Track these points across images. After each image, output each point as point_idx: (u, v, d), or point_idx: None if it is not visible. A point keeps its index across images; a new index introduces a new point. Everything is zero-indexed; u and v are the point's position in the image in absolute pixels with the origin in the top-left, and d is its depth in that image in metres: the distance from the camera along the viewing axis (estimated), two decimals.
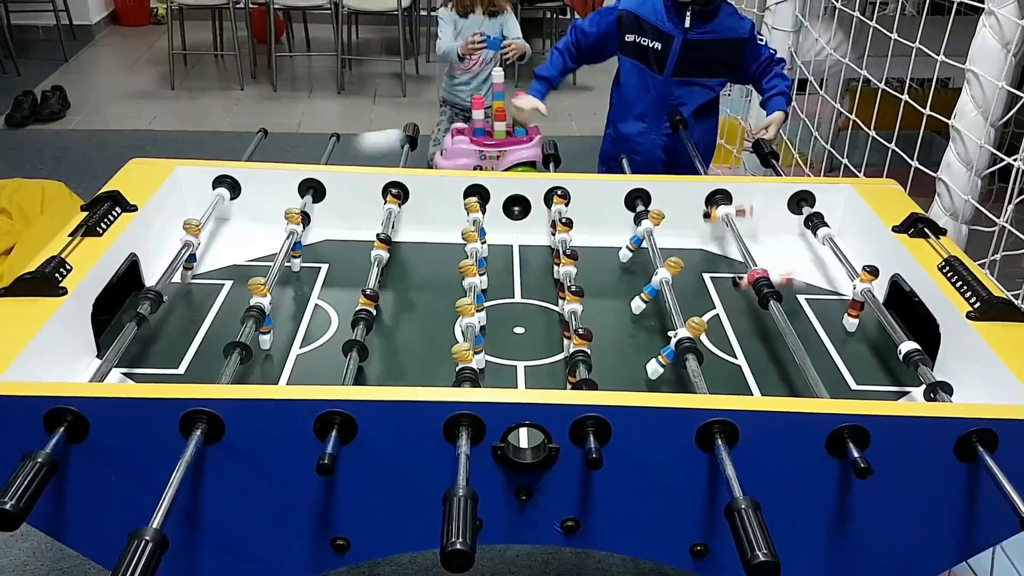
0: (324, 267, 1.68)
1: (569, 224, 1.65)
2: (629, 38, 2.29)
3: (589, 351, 1.29)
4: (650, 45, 2.26)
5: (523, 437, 1.15)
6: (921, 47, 2.01)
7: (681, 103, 2.32)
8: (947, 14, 1.95)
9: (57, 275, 1.32)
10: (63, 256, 1.37)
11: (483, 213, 1.73)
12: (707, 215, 1.76)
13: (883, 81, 2.17)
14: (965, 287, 1.38)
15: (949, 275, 1.43)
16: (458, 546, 0.91)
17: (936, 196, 1.96)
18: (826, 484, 1.12)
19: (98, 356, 1.37)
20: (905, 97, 2.06)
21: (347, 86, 5.52)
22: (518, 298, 1.62)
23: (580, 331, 1.32)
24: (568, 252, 1.55)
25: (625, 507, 1.15)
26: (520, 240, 1.80)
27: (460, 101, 3.72)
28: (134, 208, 1.57)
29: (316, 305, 1.56)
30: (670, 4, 2.23)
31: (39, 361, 1.21)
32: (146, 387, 1.14)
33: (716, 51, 2.26)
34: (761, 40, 2.34)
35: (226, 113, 5.04)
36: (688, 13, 2.20)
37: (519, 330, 1.52)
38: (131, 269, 1.51)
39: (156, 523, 0.93)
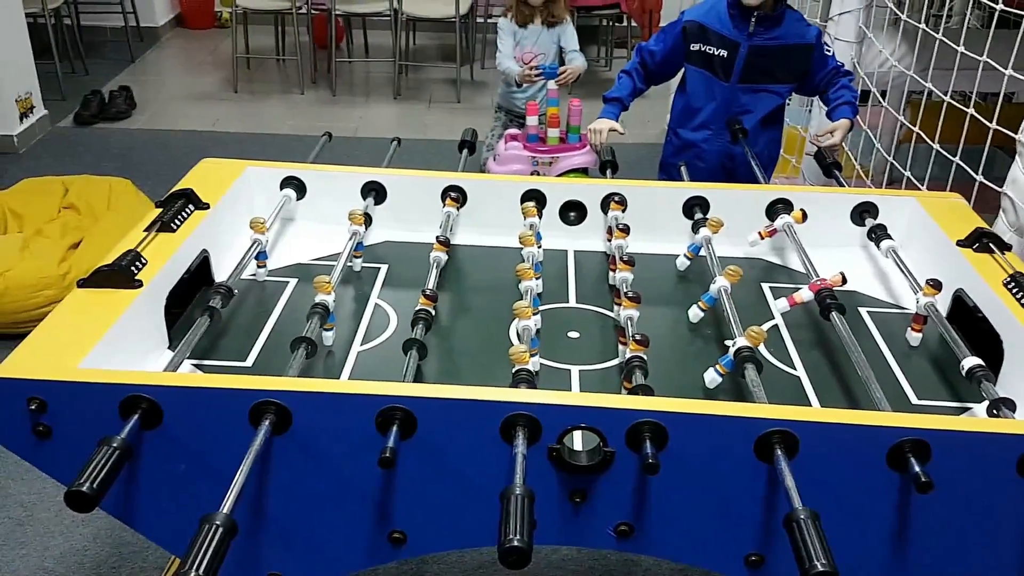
0: (384, 267, 1.71)
1: (626, 230, 1.66)
2: (695, 47, 2.29)
3: (645, 357, 1.30)
4: (716, 53, 2.26)
5: (579, 440, 1.16)
6: (988, 60, 1.98)
7: (747, 110, 2.31)
8: (1013, 28, 1.91)
9: (134, 268, 1.37)
10: (139, 250, 1.42)
11: (540, 218, 1.75)
12: (757, 238, 1.74)
13: (948, 95, 2.14)
14: None
15: (1014, 291, 1.41)
16: (516, 543, 0.93)
17: (1000, 211, 1.92)
18: (886, 498, 1.11)
19: (170, 348, 1.41)
20: (971, 111, 2.03)
21: (403, 91, 5.59)
22: (573, 303, 1.63)
23: (637, 336, 1.32)
24: (625, 258, 1.56)
25: (680, 514, 1.15)
26: (575, 245, 1.81)
27: (515, 107, 3.75)
28: (206, 206, 1.62)
29: (376, 304, 1.59)
30: (735, 11, 2.22)
31: (115, 350, 1.26)
32: (218, 377, 1.18)
33: (782, 57, 2.25)
34: (828, 50, 2.31)
35: (287, 116, 5.14)
36: (753, 19, 2.20)
37: (573, 335, 1.54)
38: (202, 264, 1.56)
39: (226, 508, 0.97)
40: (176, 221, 1.53)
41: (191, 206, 1.59)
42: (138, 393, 1.11)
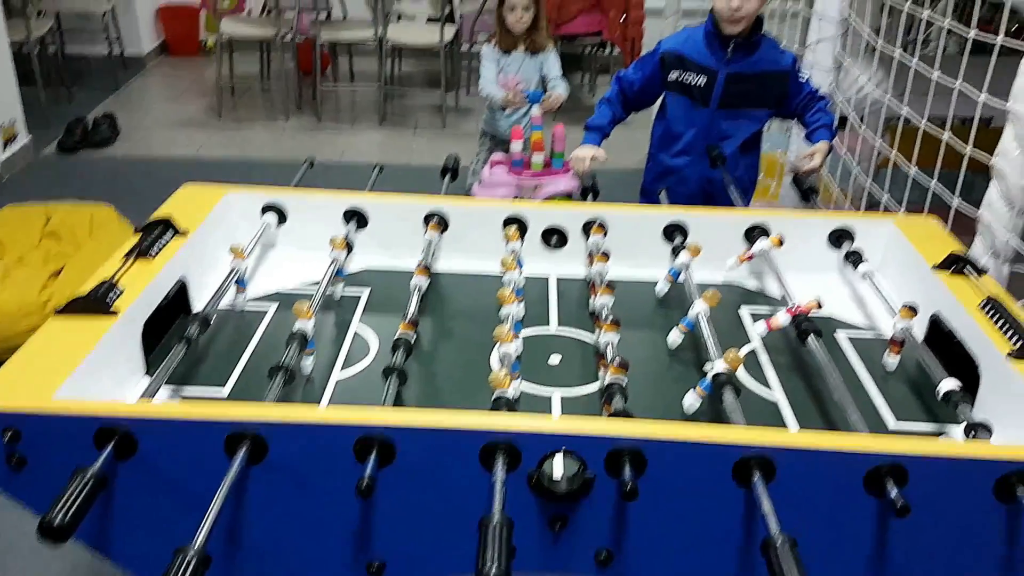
0: (365, 293, 1.71)
1: (606, 256, 1.66)
2: (674, 75, 2.33)
3: (625, 381, 1.30)
4: (694, 80, 2.29)
5: (558, 466, 1.16)
6: (964, 85, 2.01)
7: (727, 136, 2.34)
8: (988, 54, 1.94)
9: (109, 297, 1.37)
10: (115, 279, 1.41)
11: (522, 243, 1.76)
12: (735, 262, 1.75)
13: (924, 120, 2.17)
14: (1007, 326, 1.37)
15: (991, 314, 1.42)
16: (493, 572, 0.92)
17: (977, 235, 1.94)
18: (864, 522, 1.11)
19: (147, 375, 1.40)
20: (947, 135, 2.05)
21: (389, 117, 5.61)
22: (554, 328, 1.64)
23: (617, 361, 1.33)
24: (605, 283, 1.56)
25: (660, 539, 1.15)
26: (557, 271, 1.82)
27: (500, 133, 3.77)
28: (185, 233, 1.62)
29: (357, 331, 1.59)
30: (713, 39, 2.26)
31: (90, 380, 1.25)
32: (192, 407, 1.17)
33: (759, 83, 2.28)
34: (803, 76, 2.35)
35: (271, 142, 5.15)
36: (731, 46, 2.23)
37: (555, 359, 1.54)
38: (180, 292, 1.56)
39: (200, 541, 0.96)
40: (154, 249, 1.52)
41: (170, 232, 1.59)
42: (112, 423, 1.10)
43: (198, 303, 1.58)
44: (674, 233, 1.80)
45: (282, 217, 1.82)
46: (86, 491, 1.00)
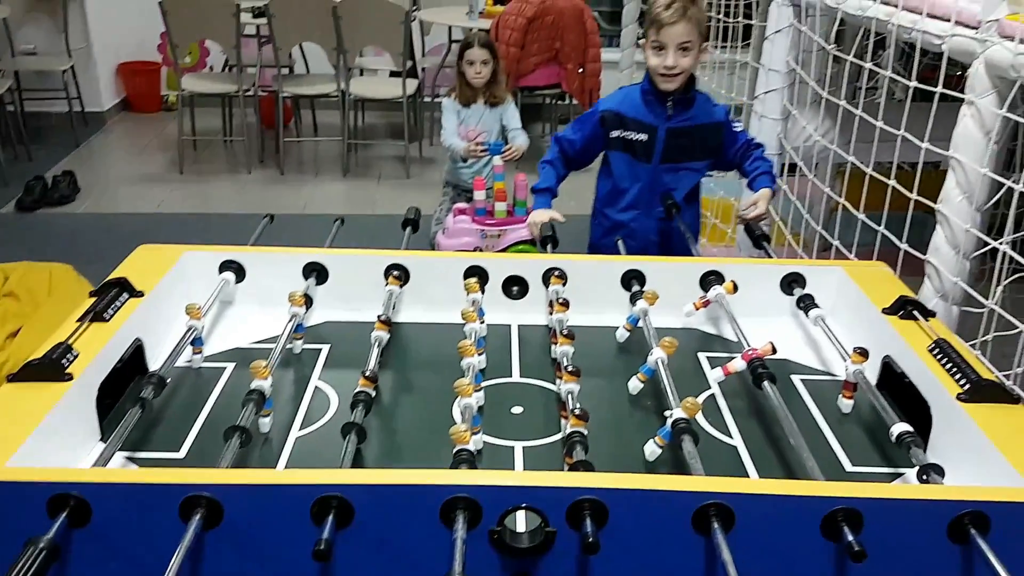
0: (325, 349, 1.71)
1: (566, 304, 1.68)
2: (615, 134, 2.40)
3: (586, 432, 1.31)
4: (636, 138, 2.37)
5: (520, 521, 1.16)
6: (905, 134, 2.08)
7: (671, 189, 2.40)
8: (941, 99, 2.02)
9: (64, 361, 1.35)
10: (70, 342, 1.40)
11: (482, 293, 1.77)
12: (692, 308, 1.78)
13: (870, 166, 2.24)
14: (954, 369, 1.41)
15: (939, 357, 1.45)
16: None
17: (926, 277, 1.99)
18: (822, 567, 1.12)
19: (102, 440, 1.38)
20: (892, 182, 2.12)
21: (352, 168, 5.65)
22: (516, 377, 1.64)
23: (577, 411, 1.33)
24: (565, 332, 1.58)
25: None
26: (519, 320, 1.83)
27: (463, 182, 3.81)
28: (141, 294, 1.61)
29: (316, 387, 1.58)
30: (651, 97, 2.34)
31: (44, 446, 1.23)
32: (145, 472, 1.16)
33: (698, 136, 2.37)
34: (737, 126, 2.44)
35: (234, 196, 5.15)
36: (669, 103, 2.30)
37: (517, 410, 1.54)
38: (136, 354, 1.54)
39: None
40: (109, 311, 1.51)
41: (125, 294, 1.58)
42: (65, 490, 1.08)
43: (155, 364, 1.57)
44: (632, 281, 1.82)
45: (240, 274, 1.82)
46: (39, 562, 0.98)
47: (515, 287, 1.85)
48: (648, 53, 2.28)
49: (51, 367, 1.33)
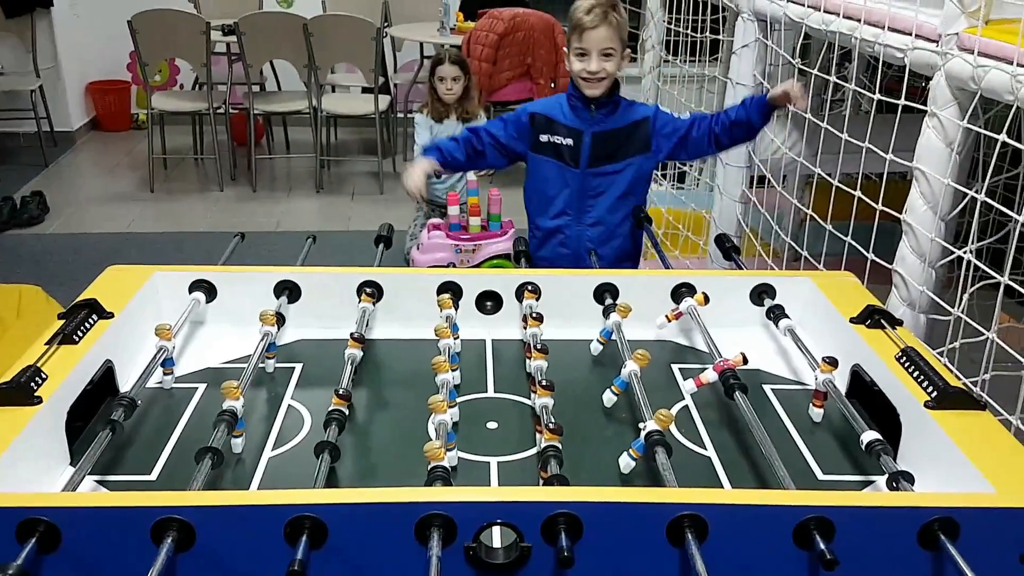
0: (298, 367, 1.70)
1: (540, 319, 1.69)
2: (544, 138, 2.40)
3: (560, 445, 1.31)
4: (563, 142, 2.38)
5: (496, 536, 1.16)
6: (870, 146, 2.11)
7: (600, 192, 2.40)
8: (904, 110, 2.05)
9: (32, 384, 1.33)
10: (39, 365, 1.38)
11: (456, 309, 1.77)
12: (665, 321, 1.80)
13: (836, 177, 2.27)
14: (922, 377, 1.43)
15: (906, 365, 1.48)
16: None
17: (893, 286, 2.02)
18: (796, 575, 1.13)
19: (72, 464, 1.37)
20: (858, 193, 2.15)
21: (326, 185, 5.63)
22: (491, 392, 1.64)
23: (551, 426, 1.34)
24: (539, 346, 1.58)
25: None
26: (493, 334, 1.83)
27: (436, 198, 3.82)
28: (110, 315, 1.60)
29: (289, 406, 1.57)
30: (576, 102, 2.35)
31: (13, 471, 1.21)
32: (116, 495, 1.14)
33: (625, 136, 2.38)
34: (671, 113, 2.43)
35: (205, 214, 5.11)
36: (593, 107, 2.33)
37: (492, 425, 1.54)
38: (106, 376, 1.53)
39: None
40: (78, 333, 1.50)
41: (94, 316, 1.56)
42: (34, 515, 1.07)
43: (125, 386, 1.55)
44: (605, 294, 1.83)
45: (211, 294, 1.81)
46: None
47: (489, 302, 1.85)
48: (572, 59, 2.30)
49: (20, 391, 1.31)
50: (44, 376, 1.37)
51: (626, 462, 1.39)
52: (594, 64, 2.25)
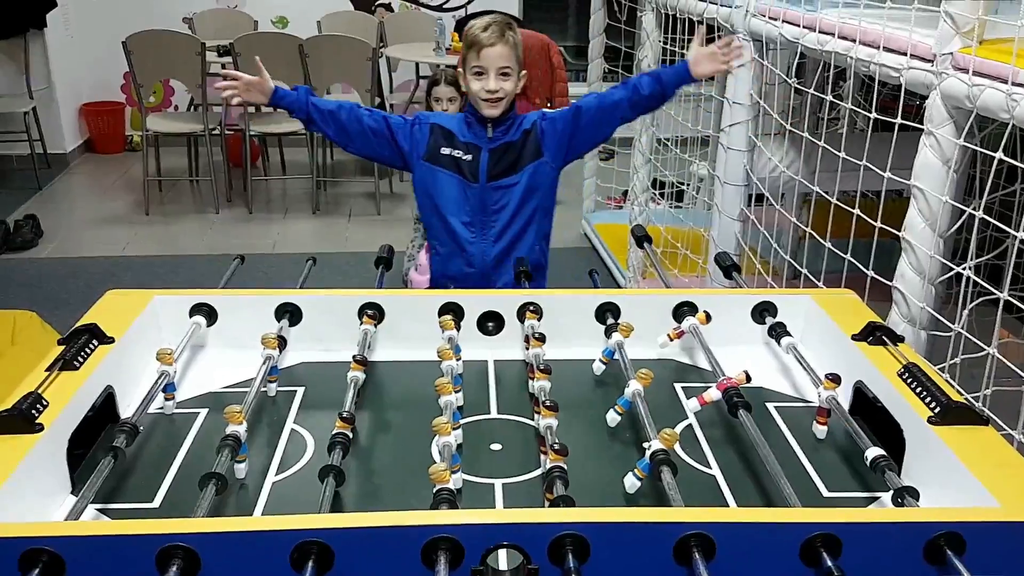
0: (300, 391, 1.69)
1: (542, 339, 1.69)
2: (445, 150, 2.40)
3: (565, 466, 1.31)
4: (463, 156, 2.39)
5: (503, 559, 1.15)
6: (868, 164, 2.13)
7: (502, 206, 2.40)
8: (901, 128, 2.07)
9: (34, 411, 1.33)
10: (40, 391, 1.38)
11: (458, 330, 1.77)
12: (667, 339, 1.80)
13: (835, 195, 2.29)
14: (924, 392, 1.43)
15: (909, 381, 1.48)
16: None
17: (893, 303, 2.03)
18: None
19: (73, 492, 1.36)
20: (856, 211, 2.16)
21: (322, 206, 5.64)
22: (494, 414, 1.64)
23: (556, 446, 1.33)
24: (541, 367, 1.58)
25: None
26: (495, 355, 1.83)
27: None
28: (111, 340, 1.59)
29: (292, 430, 1.57)
30: (472, 119, 2.37)
31: (14, 500, 1.20)
32: (119, 524, 1.14)
33: (519, 147, 2.38)
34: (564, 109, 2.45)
35: (201, 236, 5.11)
36: (489, 125, 2.35)
37: (496, 447, 1.54)
38: (107, 402, 1.52)
39: None
40: (79, 358, 1.49)
41: (95, 341, 1.56)
42: (37, 545, 1.06)
43: (126, 412, 1.55)
44: (606, 314, 1.84)
45: (212, 318, 1.80)
46: None
47: (491, 323, 1.85)
48: (469, 79, 2.31)
49: (21, 418, 1.30)
50: (45, 403, 1.36)
51: (631, 482, 1.38)
52: (492, 83, 2.27)
